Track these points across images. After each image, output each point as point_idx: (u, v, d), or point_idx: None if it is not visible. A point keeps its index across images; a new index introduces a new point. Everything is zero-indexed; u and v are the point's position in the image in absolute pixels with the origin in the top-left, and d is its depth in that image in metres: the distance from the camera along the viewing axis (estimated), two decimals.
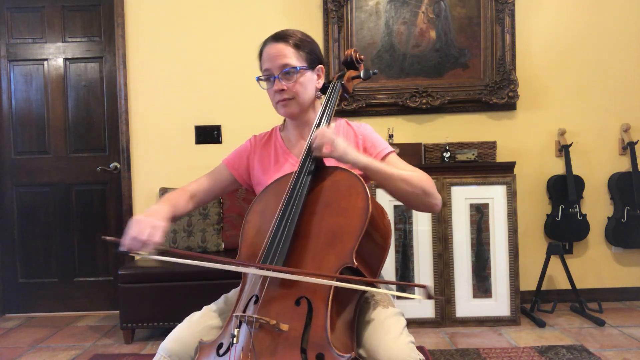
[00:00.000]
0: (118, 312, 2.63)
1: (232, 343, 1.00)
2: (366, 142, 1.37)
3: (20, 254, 3.29)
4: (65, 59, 3.25)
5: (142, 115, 3.20)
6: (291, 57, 1.29)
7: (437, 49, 3.10)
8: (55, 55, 3.25)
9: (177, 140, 3.20)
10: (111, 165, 3.23)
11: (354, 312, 1.10)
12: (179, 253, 1.09)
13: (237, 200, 3.07)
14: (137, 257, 1.09)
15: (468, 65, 3.10)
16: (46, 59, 3.25)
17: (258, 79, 1.35)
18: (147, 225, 1.10)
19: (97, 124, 3.27)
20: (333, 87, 1.37)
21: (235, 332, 1.00)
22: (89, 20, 3.24)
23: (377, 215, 1.11)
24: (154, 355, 1.16)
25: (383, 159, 1.32)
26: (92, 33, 3.25)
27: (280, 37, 1.31)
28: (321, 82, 1.38)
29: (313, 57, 1.34)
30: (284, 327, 0.97)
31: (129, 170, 3.19)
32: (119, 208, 3.25)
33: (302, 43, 1.32)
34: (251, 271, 1.09)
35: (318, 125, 1.27)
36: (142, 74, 3.19)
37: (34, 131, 3.27)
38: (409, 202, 1.24)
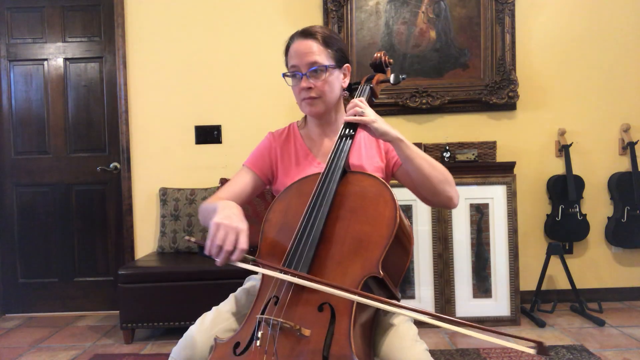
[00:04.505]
0: (118, 312, 2.63)
1: (254, 344, 0.97)
2: (387, 145, 1.34)
3: (20, 254, 3.29)
4: (65, 59, 3.25)
5: (142, 115, 3.20)
6: (320, 54, 1.25)
7: (437, 49, 3.10)
8: (55, 55, 3.25)
9: (177, 140, 3.20)
10: (111, 165, 3.23)
11: (373, 319, 1.08)
12: (267, 265, 1.02)
13: None
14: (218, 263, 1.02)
15: (468, 65, 3.10)
16: (46, 59, 3.25)
17: (284, 75, 1.31)
18: (232, 230, 1.00)
19: (97, 124, 3.27)
20: (362, 89, 1.33)
21: (260, 335, 0.97)
22: (89, 20, 3.24)
23: (403, 224, 1.08)
24: (154, 355, 1.16)
25: None
26: (92, 33, 3.25)
27: (309, 33, 1.28)
28: (347, 81, 1.35)
29: (341, 56, 1.30)
30: (306, 332, 0.95)
31: (129, 170, 3.19)
32: (119, 208, 3.24)
33: (331, 40, 1.28)
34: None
35: (344, 129, 1.22)
36: (142, 74, 3.19)
37: (34, 131, 3.27)
38: (429, 186, 1.20)
